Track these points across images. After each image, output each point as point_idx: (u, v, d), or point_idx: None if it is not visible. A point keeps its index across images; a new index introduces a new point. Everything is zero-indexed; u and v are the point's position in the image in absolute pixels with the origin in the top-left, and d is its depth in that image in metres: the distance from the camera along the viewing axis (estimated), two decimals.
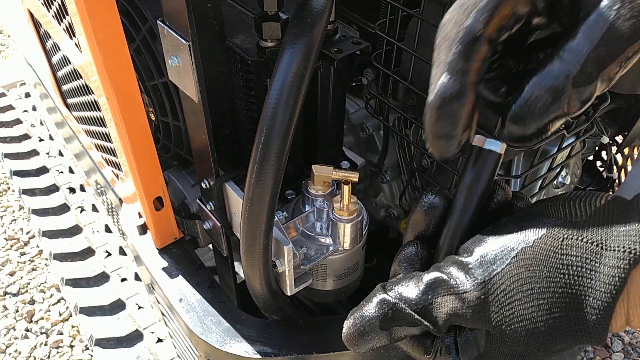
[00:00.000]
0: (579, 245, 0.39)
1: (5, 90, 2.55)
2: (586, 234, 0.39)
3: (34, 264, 1.94)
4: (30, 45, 1.44)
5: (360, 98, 1.09)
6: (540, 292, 0.40)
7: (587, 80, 0.38)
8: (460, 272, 0.43)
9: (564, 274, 0.39)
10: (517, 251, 0.41)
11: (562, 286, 0.39)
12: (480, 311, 0.42)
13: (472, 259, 0.43)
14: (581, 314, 0.39)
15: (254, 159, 0.59)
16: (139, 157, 0.84)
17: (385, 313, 0.44)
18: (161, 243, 1.00)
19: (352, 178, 0.73)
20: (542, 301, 0.40)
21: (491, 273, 0.41)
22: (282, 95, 0.56)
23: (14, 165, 2.16)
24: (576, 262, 0.39)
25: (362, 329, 0.45)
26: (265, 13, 0.67)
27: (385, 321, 0.44)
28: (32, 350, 1.67)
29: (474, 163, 0.46)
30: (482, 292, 0.41)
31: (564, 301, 0.39)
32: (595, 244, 0.38)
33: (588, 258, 0.38)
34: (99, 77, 0.74)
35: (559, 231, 0.40)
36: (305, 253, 0.77)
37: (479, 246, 0.43)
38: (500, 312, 0.41)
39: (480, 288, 0.41)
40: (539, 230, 0.41)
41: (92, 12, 0.66)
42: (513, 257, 0.41)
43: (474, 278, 0.42)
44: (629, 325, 0.39)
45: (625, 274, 0.37)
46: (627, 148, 1.29)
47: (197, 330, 0.86)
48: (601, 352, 1.72)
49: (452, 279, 0.43)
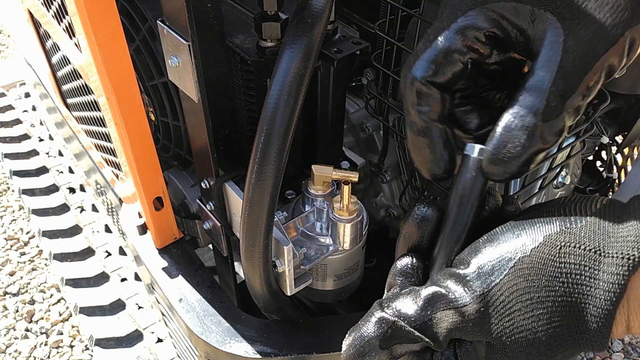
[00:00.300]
0: (577, 253, 0.39)
1: (5, 90, 2.55)
2: (584, 241, 0.39)
3: (34, 264, 1.94)
4: (30, 45, 1.44)
5: (360, 98, 1.09)
6: (540, 301, 0.40)
7: (555, 114, 0.39)
8: (458, 285, 0.42)
9: (562, 282, 0.39)
10: (515, 261, 0.40)
11: (562, 295, 0.39)
12: (480, 324, 0.41)
13: (469, 271, 0.42)
14: (582, 322, 0.39)
15: (254, 159, 0.59)
16: (139, 157, 0.84)
17: (385, 332, 0.43)
18: (161, 243, 1.00)
19: (352, 178, 0.73)
20: (542, 310, 0.40)
21: (489, 284, 0.41)
22: (282, 95, 0.56)
23: (14, 165, 2.16)
24: (575, 270, 0.39)
25: (361, 349, 0.44)
26: (265, 13, 0.67)
27: (385, 340, 0.44)
28: (32, 350, 1.67)
29: (463, 171, 0.45)
30: (481, 304, 0.41)
31: (564, 310, 0.39)
32: (593, 251, 0.38)
33: (586, 266, 0.38)
34: (99, 77, 0.74)
35: (557, 239, 0.40)
36: (305, 253, 0.77)
37: (475, 257, 0.43)
38: (500, 323, 0.41)
39: (479, 301, 0.41)
40: (536, 238, 0.40)
41: (92, 12, 0.66)
42: (511, 267, 0.40)
43: (472, 291, 0.41)
44: (630, 332, 0.39)
45: (624, 281, 0.37)
46: (627, 148, 1.30)
47: (197, 330, 0.86)
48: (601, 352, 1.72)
49: (450, 292, 0.42)
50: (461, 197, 0.45)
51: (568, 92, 0.39)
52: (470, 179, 0.45)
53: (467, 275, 0.42)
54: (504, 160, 0.41)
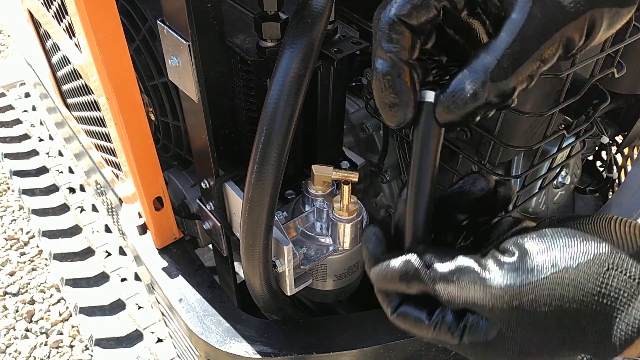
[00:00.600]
0: (621, 279, 0.41)
1: (5, 90, 2.55)
2: (630, 268, 0.41)
3: (34, 264, 1.94)
4: (30, 45, 1.44)
5: (360, 98, 1.09)
6: (569, 311, 0.42)
7: (504, 75, 0.42)
8: (496, 268, 0.44)
9: (598, 302, 0.41)
10: (559, 268, 0.42)
11: (591, 311, 0.41)
12: (502, 310, 0.43)
13: (510, 261, 0.44)
14: (602, 337, 0.41)
15: (254, 159, 0.59)
16: (139, 157, 0.84)
17: (407, 272, 0.47)
18: (161, 243, 1.00)
19: (352, 178, 0.73)
20: (566, 318, 0.42)
21: (524, 280, 0.43)
22: (282, 95, 0.56)
23: (14, 165, 2.16)
24: (614, 294, 0.41)
25: (384, 274, 0.49)
26: (265, 13, 0.67)
27: (405, 277, 0.47)
28: (32, 350, 1.67)
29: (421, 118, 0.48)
30: (510, 295, 0.43)
31: (589, 322, 0.42)
32: (637, 281, 0.40)
33: (626, 292, 0.40)
34: (99, 77, 0.74)
35: (606, 260, 0.41)
36: (305, 253, 0.78)
37: (520, 250, 0.44)
38: (522, 317, 0.43)
39: (509, 291, 0.43)
40: (587, 253, 0.42)
41: (92, 12, 0.66)
42: (553, 272, 0.42)
43: (506, 280, 0.43)
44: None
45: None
46: (627, 148, 1.30)
47: (197, 330, 0.86)
48: None
49: (486, 271, 0.44)
50: (422, 142, 0.48)
51: (522, 57, 0.41)
52: (427, 123, 0.47)
53: (506, 263, 0.44)
54: (450, 108, 0.45)
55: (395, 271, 0.48)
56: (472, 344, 0.46)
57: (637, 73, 0.94)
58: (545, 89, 0.72)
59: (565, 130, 0.81)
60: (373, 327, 0.84)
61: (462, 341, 0.46)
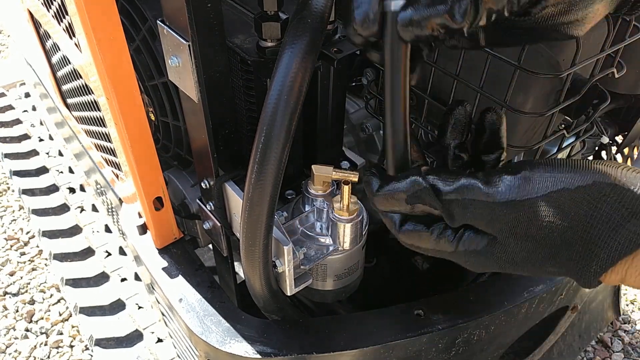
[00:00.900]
0: (614, 206, 0.43)
1: (5, 90, 2.55)
2: (625, 200, 0.43)
3: (34, 264, 1.94)
4: (30, 45, 1.44)
5: (360, 98, 1.09)
6: (558, 228, 0.45)
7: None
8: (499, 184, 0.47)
9: (587, 224, 0.44)
10: (557, 188, 0.45)
11: (580, 233, 0.44)
12: (499, 221, 0.47)
13: (514, 179, 0.47)
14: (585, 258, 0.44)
15: (254, 159, 0.59)
16: (139, 157, 0.84)
17: (415, 191, 0.51)
18: (161, 243, 1.00)
19: (352, 178, 0.73)
20: (556, 235, 0.45)
21: (524, 196, 0.46)
22: (282, 95, 0.56)
23: (14, 165, 2.16)
24: (604, 218, 0.43)
25: (390, 194, 0.53)
26: (265, 13, 0.67)
27: (412, 197, 0.51)
28: (32, 350, 1.67)
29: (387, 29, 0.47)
30: (509, 209, 0.46)
31: (576, 242, 0.44)
32: (628, 211, 0.42)
33: (615, 220, 0.43)
34: (99, 77, 0.74)
35: (604, 188, 0.43)
36: (305, 253, 0.78)
37: (525, 170, 0.47)
38: (515, 229, 0.47)
39: (509, 205, 0.46)
40: (586, 180, 0.44)
41: (92, 12, 0.66)
42: (552, 191, 0.45)
43: (508, 195, 0.46)
44: (623, 283, 0.45)
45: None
46: (627, 148, 1.30)
47: (197, 330, 0.86)
48: (601, 352, 1.71)
49: (489, 187, 0.47)
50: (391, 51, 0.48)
51: None
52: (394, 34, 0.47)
53: (510, 181, 0.47)
54: (411, 20, 0.45)
55: (401, 191, 0.51)
56: (465, 252, 0.51)
57: (637, 73, 0.94)
58: (545, 89, 0.72)
59: (565, 130, 0.81)
60: (373, 327, 0.84)
61: (458, 249, 0.51)
